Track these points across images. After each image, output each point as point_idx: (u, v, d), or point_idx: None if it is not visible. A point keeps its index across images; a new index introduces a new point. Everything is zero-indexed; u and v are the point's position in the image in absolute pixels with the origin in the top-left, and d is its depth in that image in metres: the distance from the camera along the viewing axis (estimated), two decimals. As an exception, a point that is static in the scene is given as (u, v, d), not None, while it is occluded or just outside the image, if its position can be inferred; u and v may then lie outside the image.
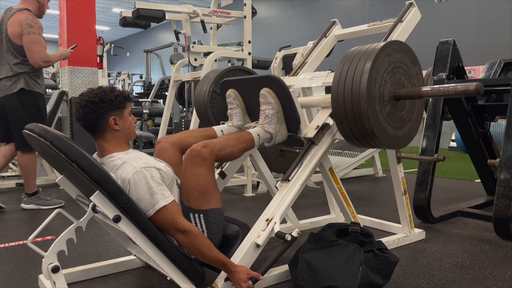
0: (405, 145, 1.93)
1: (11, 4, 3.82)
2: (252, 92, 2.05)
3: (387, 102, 1.77)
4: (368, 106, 1.67)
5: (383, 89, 1.75)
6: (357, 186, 4.35)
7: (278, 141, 2.04)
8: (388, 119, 1.79)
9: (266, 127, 1.99)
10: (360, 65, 1.70)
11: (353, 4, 11.21)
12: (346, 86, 1.72)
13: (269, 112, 1.98)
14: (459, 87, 1.69)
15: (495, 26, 8.19)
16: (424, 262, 2.19)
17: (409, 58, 1.87)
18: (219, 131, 2.10)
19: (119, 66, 21.13)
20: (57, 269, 1.49)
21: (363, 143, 1.83)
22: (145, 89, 9.64)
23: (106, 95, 1.66)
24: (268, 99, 1.97)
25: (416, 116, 1.95)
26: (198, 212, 1.73)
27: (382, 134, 1.75)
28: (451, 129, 7.85)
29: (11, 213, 3.23)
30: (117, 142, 1.71)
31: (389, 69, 1.77)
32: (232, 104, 2.16)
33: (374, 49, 1.72)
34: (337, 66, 1.81)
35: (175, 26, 4.40)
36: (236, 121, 2.15)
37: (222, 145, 1.82)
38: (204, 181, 1.73)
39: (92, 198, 1.47)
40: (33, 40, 3.18)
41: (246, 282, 1.63)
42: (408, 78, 1.87)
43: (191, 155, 1.74)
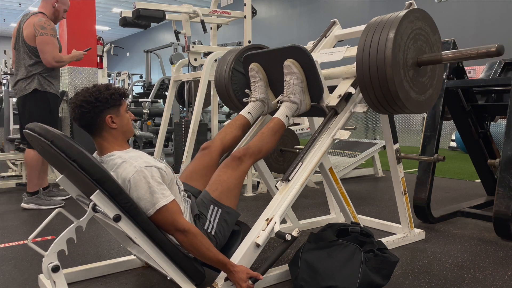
0: (426, 110, 2.01)
1: (12, 5, 3.86)
2: (275, 64, 2.10)
3: (410, 67, 1.83)
4: (394, 70, 1.73)
5: (406, 55, 1.80)
6: (357, 186, 4.35)
7: (303, 110, 2.10)
8: (411, 84, 1.84)
9: (291, 97, 2.05)
10: (385, 32, 1.76)
11: (353, 4, 11.21)
12: (371, 52, 1.78)
13: (293, 82, 2.03)
14: (481, 49, 1.73)
15: (495, 26, 8.19)
16: (424, 262, 2.19)
17: (430, 26, 1.92)
18: (247, 114, 2.19)
19: (119, 66, 21.13)
20: (57, 268, 1.49)
21: (386, 108, 1.88)
22: (145, 89, 9.63)
23: (101, 93, 1.65)
24: (292, 69, 2.02)
25: (437, 83, 2.01)
26: (219, 206, 1.80)
27: (406, 98, 1.80)
28: (451, 129, 7.85)
29: (11, 213, 3.24)
30: (115, 140, 1.71)
31: (411, 36, 1.82)
32: (255, 78, 2.20)
33: (397, 16, 1.77)
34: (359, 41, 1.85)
35: (175, 26, 4.40)
36: (259, 94, 2.21)
37: (258, 148, 1.96)
38: (234, 181, 1.86)
39: (92, 197, 1.47)
40: (46, 41, 3.26)
41: (246, 281, 1.63)
42: (429, 45, 1.92)
43: (231, 159, 1.90)
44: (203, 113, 5.70)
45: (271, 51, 2.18)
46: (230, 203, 1.84)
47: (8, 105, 5.71)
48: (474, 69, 7.93)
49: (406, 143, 8.79)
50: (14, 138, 4.53)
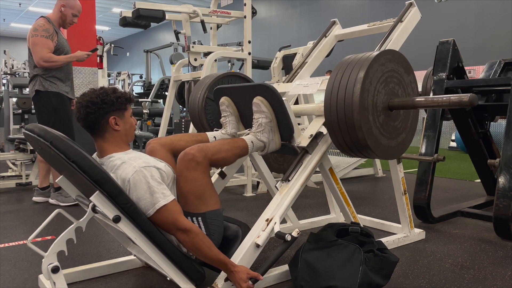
0: (399, 155, 1.92)
1: (12, 5, 3.88)
2: (246, 99, 2.02)
3: (381, 112, 1.76)
4: (361, 116, 1.66)
5: (376, 99, 1.73)
6: (357, 186, 4.35)
7: (272, 149, 2.01)
8: (382, 130, 1.78)
9: (259, 136, 1.96)
10: (353, 75, 1.69)
11: (353, 4, 11.21)
12: (339, 95, 1.71)
13: (262, 121, 1.95)
14: (453, 98, 1.69)
15: (495, 26, 8.19)
16: (424, 262, 2.19)
17: (403, 67, 1.86)
18: (212, 138, 2.07)
19: (119, 66, 21.14)
20: (57, 269, 1.49)
21: (356, 153, 1.83)
22: (145, 89, 9.63)
23: (107, 96, 1.66)
24: (261, 108, 1.94)
25: (411, 126, 1.94)
26: (196, 216, 1.72)
27: (375, 145, 1.74)
28: (451, 129, 7.85)
29: (11, 213, 3.24)
30: (116, 143, 1.71)
31: (382, 79, 1.76)
32: (226, 112, 2.12)
33: (367, 58, 1.71)
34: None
35: (175, 26, 4.40)
36: (230, 128, 2.11)
37: (216, 149, 1.80)
38: (199, 185, 1.71)
39: (92, 198, 1.47)
40: (35, 42, 3.29)
41: (246, 282, 1.63)
42: (402, 87, 1.86)
43: (185, 159, 1.72)
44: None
45: (241, 87, 2.10)
46: (206, 207, 1.74)
47: (8, 105, 5.71)
48: (474, 69, 7.93)
49: (406, 143, 8.77)
50: (14, 138, 4.53)
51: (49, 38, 3.31)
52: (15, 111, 6.13)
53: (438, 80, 3.00)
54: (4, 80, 10.44)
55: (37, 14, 17.63)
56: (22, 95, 5.75)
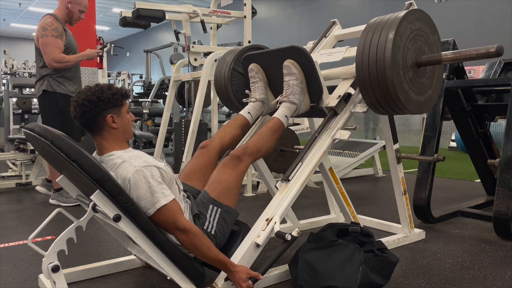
0: (426, 111, 2.01)
1: (12, 5, 3.89)
2: (275, 65, 2.09)
3: (410, 68, 1.83)
4: (393, 72, 1.72)
5: (406, 56, 1.80)
6: (357, 186, 4.35)
7: (302, 111, 2.09)
8: (411, 85, 1.84)
9: (291, 98, 2.04)
10: (384, 33, 1.75)
11: (353, 4, 11.21)
12: (370, 53, 1.77)
13: (292, 83, 2.03)
14: (480, 49, 1.73)
15: (495, 26, 8.19)
16: (424, 262, 2.19)
17: (429, 27, 1.92)
18: (247, 114, 2.19)
19: (119, 66, 21.13)
20: (57, 268, 1.49)
21: (386, 109, 1.88)
22: (145, 89, 9.62)
23: (103, 93, 1.66)
24: (291, 70, 2.01)
25: (436, 83, 2.01)
26: (218, 205, 1.80)
27: (405, 99, 1.80)
28: (451, 129, 7.85)
29: (11, 213, 3.24)
30: (115, 140, 1.71)
31: (411, 37, 1.82)
32: (255, 78, 2.20)
33: (397, 17, 1.77)
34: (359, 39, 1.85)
35: (175, 26, 4.40)
36: (259, 94, 2.20)
37: (257, 147, 1.95)
38: (233, 180, 1.86)
39: (92, 197, 1.47)
40: (46, 42, 3.27)
41: (246, 281, 1.63)
42: (428, 46, 1.92)
43: (230, 158, 1.90)
44: (203, 113, 5.70)
45: (271, 52, 2.17)
46: (229, 202, 1.84)
47: (8, 105, 5.72)
48: (474, 69, 7.93)
49: (406, 143, 8.79)
50: (14, 138, 4.53)
51: (59, 37, 3.29)
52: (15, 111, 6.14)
53: (438, 80, 3.00)
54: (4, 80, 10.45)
55: (37, 14, 17.65)
56: (22, 95, 5.76)
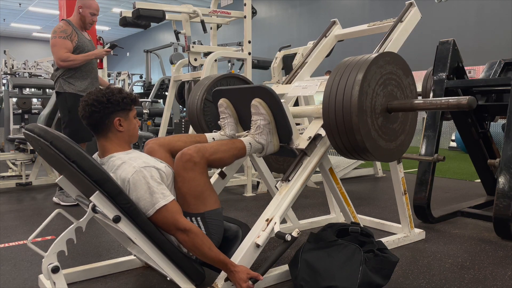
0: (398, 158, 1.92)
1: (12, 5, 3.93)
2: (244, 101, 2.02)
3: (379, 115, 1.76)
4: (359, 119, 1.66)
5: (374, 102, 1.73)
6: (357, 186, 4.35)
7: (270, 151, 2.01)
8: (380, 132, 1.77)
9: (257, 138, 1.95)
10: (352, 77, 1.68)
11: (353, 4, 11.21)
12: (337, 98, 1.71)
13: (260, 123, 1.94)
14: (451, 101, 1.68)
15: (495, 26, 8.18)
16: (424, 262, 2.19)
17: (402, 69, 1.85)
18: (211, 139, 2.06)
19: (119, 66, 21.13)
20: (57, 269, 1.49)
21: (355, 156, 1.82)
22: (145, 89, 9.63)
23: (113, 95, 1.67)
24: (259, 110, 1.93)
25: (410, 128, 1.94)
26: (195, 216, 1.73)
27: (374, 147, 1.74)
28: (451, 129, 7.85)
29: (11, 213, 3.24)
30: (119, 143, 1.72)
31: (381, 81, 1.75)
32: (224, 114, 2.11)
33: (366, 61, 1.70)
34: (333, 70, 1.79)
35: (175, 26, 4.40)
36: (229, 130, 2.10)
37: (213, 149, 1.79)
38: (197, 185, 1.72)
39: (92, 198, 1.47)
40: (53, 43, 3.36)
41: (246, 282, 1.63)
42: (401, 89, 1.85)
43: (182, 159, 1.72)
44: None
45: (239, 89, 2.10)
46: (205, 207, 1.74)
47: (8, 105, 5.72)
48: (474, 69, 7.93)
49: (406, 143, 8.77)
50: (14, 138, 4.53)
51: (67, 38, 3.35)
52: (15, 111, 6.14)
53: (438, 80, 3.00)
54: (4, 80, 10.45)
55: (37, 14, 17.65)
56: (22, 95, 5.76)
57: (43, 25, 19.62)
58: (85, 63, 3.40)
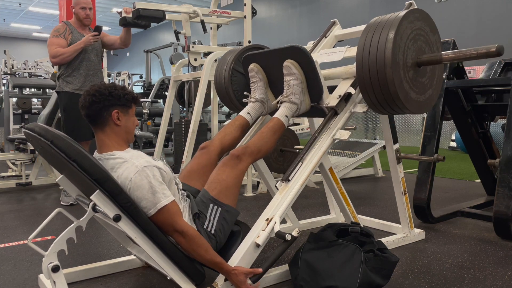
0: (427, 110, 2.00)
1: (12, 5, 3.97)
2: (275, 65, 2.09)
3: (410, 68, 1.83)
4: (393, 71, 1.72)
5: (406, 55, 1.80)
6: (357, 186, 4.35)
7: (302, 111, 2.10)
8: (411, 84, 1.84)
9: (291, 98, 2.04)
10: (384, 33, 1.75)
11: (353, 4, 11.21)
12: (371, 53, 1.77)
13: (293, 83, 2.03)
14: (481, 49, 1.73)
15: (495, 26, 8.19)
16: (424, 262, 2.19)
17: (429, 26, 1.92)
18: (247, 115, 2.19)
19: (119, 66, 21.13)
20: (57, 268, 1.49)
21: (386, 108, 1.87)
22: (145, 89, 9.62)
23: (116, 90, 1.70)
24: (292, 70, 2.01)
25: (436, 83, 2.00)
26: (218, 204, 1.80)
27: (406, 98, 1.80)
28: (451, 129, 7.85)
29: (11, 213, 3.24)
30: (116, 139, 1.71)
31: (411, 36, 1.82)
32: (255, 78, 2.20)
33: (397, 17, 1.77)
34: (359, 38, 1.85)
35: (175, 26, 4.40)
36: (258, 94, 2.20)
37: (257, 147, 1.95)
38: (233, 179, 1.85)
39: (92, 197, 1.47)
40: (48, 43, 3.44)
41: (245, 283, 1.64)
42: (429, 45, 1.92)
43: (230, 158, 1.89)
44: (203, 113, 5.70)
45: (271, 52, 2.17)
46: (230, 201, 1.84)
47: (8, 105, 5.72)
48: (474, 69, 7.93)
49: (406, 143, 8.79)
50: (14, 138, 4.53)
51: (60, 36, 3.39)
52: (15, 111, 6.15)
53: (438, 80, 3.00)
54: (4, 80, 10.45)
55: (37, 14, 17.65)
56: (22, 95, 5.77)
57: (43, 25, 19.63)
58: (82, 62, 3.43)
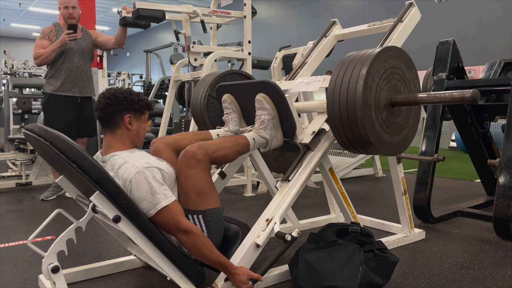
0: (402, 152, 1.93)
1: (12, 5, 4.03)
2: (248, 96, 2.02)
3: (383, 109, 1.77)
4: (364, 113, 1.66)
5: (378, 96, 1.74)
6: (357, 186, 4.35)
7: (274, 146, 2.01)
8: (384, 126, 1.78)
9: (261, 133, 1.96)
10: (356, 72, 1.69)
11: (353, 4, 11.21)
12: (341, 92, 1.72)
13: (264, 118, 1.95)
14: (455, 94, 1.68)
15: (495, 26, 8.18)
16: (424, 262, 2.19)
17: (405, 64, 1.86)
18: (215, 135, 2.08)
19: (119, 66, 21.13)
20: (57, 269, 1.49)
21: (359, 150, 1.83)
22: (145, 89, 9.62)
23: (131, 95, 1.72)
24: (263, 105, 1.94)
25: (413, 122, 1.95)
26: (197, 213, 1.73)
27: (378, 141, 1.75)
28: (451, 129, 7.85)
29: (11, 213, 3.24)
30: (124, 141, 1.74)
31: (384, 76, 1.76)
32: (228, 109, 2.13)
33: (369, 55, 1.71)
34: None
35: (175, 26, 4.40)
36: (232, 126, 2.12)
37: (216, 146, 1.80)
38: (200, 182, 1.72)
39: (92, 198, 1.47)
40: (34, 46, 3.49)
41: (246, 284, 1.63)
42: (404, 83, 1.86)
43: (185, 156, 1.73)
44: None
45: (243, 84, 2.11)
46: (206, 204, 1.74)
47: (8, 105, 5.71)
48: (474, 69, 7.93)
49: (406, 143, 8.77)
50: (14, 138, 4.53)
51: (44, 38, 3.45)
52: (15, 111, 6.14)
53: (438, 80, 3.00)
54: (4, 80, 10.45)
55: (37, 14, 17.65)
56: (22, 95, 5.76)
57: (43, 25, 19.61)
58: (64, 63, 3.47)
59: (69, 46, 3.49)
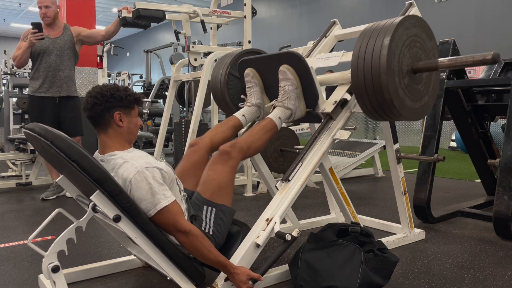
0: (422, 117, 1.99)
1: (12, 5, 4.06)
2: (271, 70, 2.08)
3: (406, 75, 1.81)
4: (388, 78, 1.71)
5: (401, 62, 1.79)
6: (357, 186, 4.35)
7: (297, 116, 2.08)
8: (406, 91, 1.83)
9: (286, 103, 2.03)
10: (380, 39, 1.74)
11: (353, 4, 11.21)
12: (366, 59, 1.76)
13: (288, 88, 2.01)
14: (476, 56, 1.71)
15: (495, 26, 8.19)
16: (424, 262, 2.19)
17: (425, 33, 1.90)
18: (241, 117, 2.16)
19: (119, 66, 21.12)
20: (57, 268, 1.49)
21: (381, 115, 1.86)
22: (145, 89, 9.62)
23: (118, 91, 1.69)
24: (287, 75, 2.00)
25: (432, 90, 1.99)
26: (212, 205, 1.79)
27: (401, 106, 1.79)
28: (451, 129, 7.85)
29: (11, 213, 3.24)
30: (119, 140, 1.72)
31: (407, 43, 1.81)
32: (251, 83, 2.19)
33: (393, 23, 1.76)
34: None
35: (175, 26, 4.40)
36: (254, 99, 2.19)
37: (247, 143, 1.92)
38: (225, 177, 1.83)
39: (92, 197, 1.47)
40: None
41: (246, 283, 1.63)
42: (425, 52, 1.91)
43: (220, 153, 1.87)
44: (203, 113, 5.70)
45: (267, 57, 2.16)
46: (223, 200, 1.82)
47: (8, 105, 5.72)
48: (474, 69, 7.93)
49: (406, 143, 8.79)
50: (14, 138, 4.53)
51: (23, 39, 3.50)
52: (15, 111, 6.14)
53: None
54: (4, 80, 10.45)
55: (37, 14, 17.61)
56: (22, 95, 5.76)
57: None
58: (41, 63, 3.50)
59: (45, 46, 3.48)
